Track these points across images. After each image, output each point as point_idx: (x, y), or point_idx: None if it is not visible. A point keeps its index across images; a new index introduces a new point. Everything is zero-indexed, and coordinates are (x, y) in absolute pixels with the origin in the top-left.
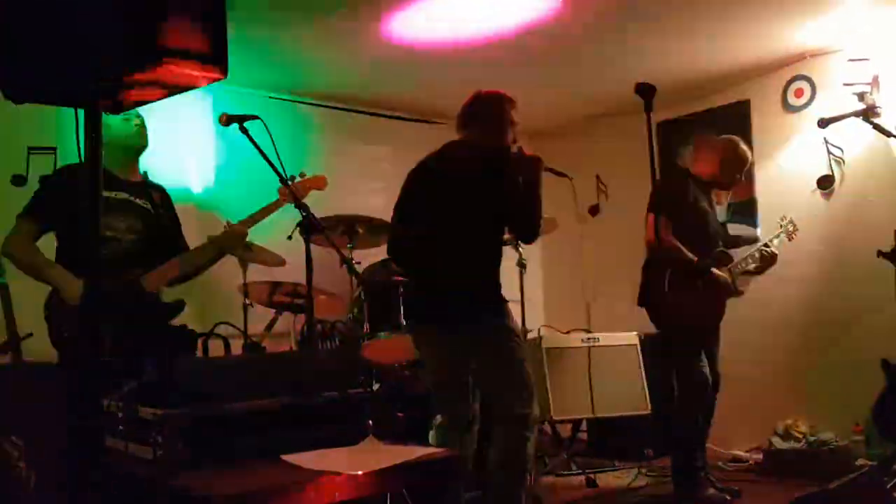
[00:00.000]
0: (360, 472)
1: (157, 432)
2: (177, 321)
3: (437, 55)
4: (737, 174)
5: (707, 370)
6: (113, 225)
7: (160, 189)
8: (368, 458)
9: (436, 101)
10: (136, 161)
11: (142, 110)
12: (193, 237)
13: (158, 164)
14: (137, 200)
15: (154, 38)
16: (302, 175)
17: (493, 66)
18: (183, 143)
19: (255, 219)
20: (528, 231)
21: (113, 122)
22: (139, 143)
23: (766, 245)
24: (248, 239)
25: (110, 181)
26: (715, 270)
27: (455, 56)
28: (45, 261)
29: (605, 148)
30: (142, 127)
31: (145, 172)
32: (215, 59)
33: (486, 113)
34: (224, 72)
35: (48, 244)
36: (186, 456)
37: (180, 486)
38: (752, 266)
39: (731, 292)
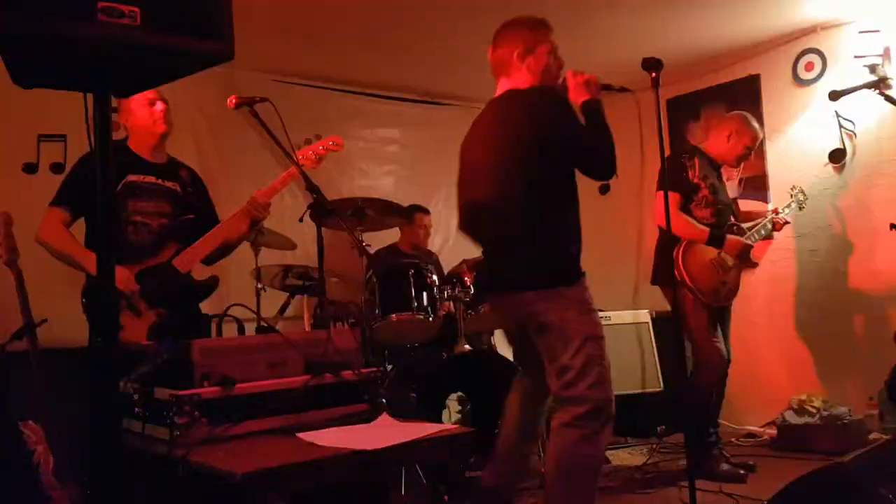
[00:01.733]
0: (374, 449)
1: (174, 412)
2: None
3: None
4: (745, 150)
5: (722, 346)
6: (142, 209)
7: (188, 168)
8: (383, 434)
9: (444, 83)
10: (163, 143)
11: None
12: None
13: (170, 148)
14: (166, 183)
15: (162, 20)
16: (318, 136)
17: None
18: (194, 125)
19: (274, 188)
20: None
21: (136, 109)
22: (163, 129)
23: (776, 212)
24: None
25: (138, 165)
26: (730, 237)
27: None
28: (77, 246)
29: (613, 125)
30: (165, 112)
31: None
32: (223, 42)
33: None
34: (230, 54)
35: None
36: (202, 435)
37: (198, 464)
38: (763, 235)
39: (748, 260)
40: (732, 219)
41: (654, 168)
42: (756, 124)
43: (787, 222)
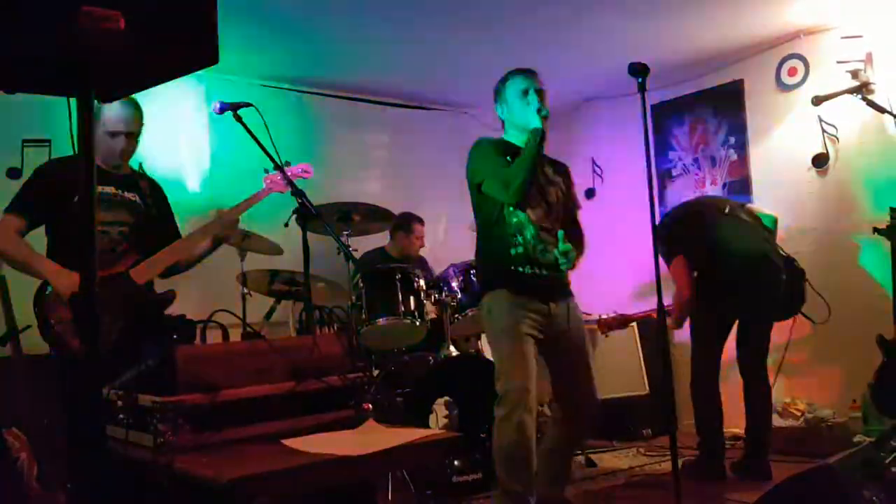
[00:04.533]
0: (360, 455)
1: (158, 419)
2: (175, 310)
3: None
4: None
5: None
6: (101, 219)
7: (149, 180)
8: (369, 440)
9: (432, 88)
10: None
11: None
12: (189, 229)
13: (152, 155)
14: (126, 194)
15: (145, 24)
16: (288, 164)
17: (485, 49)
18: (177, 133)
19: (241, 208)
20: None
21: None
22: (119, 162)
23: None
24: (245, 228)
25: (98, 175)
26: None
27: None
28: (32, 254)
29: (600, 131)
30: (123, 150)
31: (140, 164)
32: (206, 46)
33: None
34: (215, 58)
35: (38, 241)
36: (187, 442)
37: (182, 471)
38: None
39: None
40: None
41: (639, 172)
42: None
43: None
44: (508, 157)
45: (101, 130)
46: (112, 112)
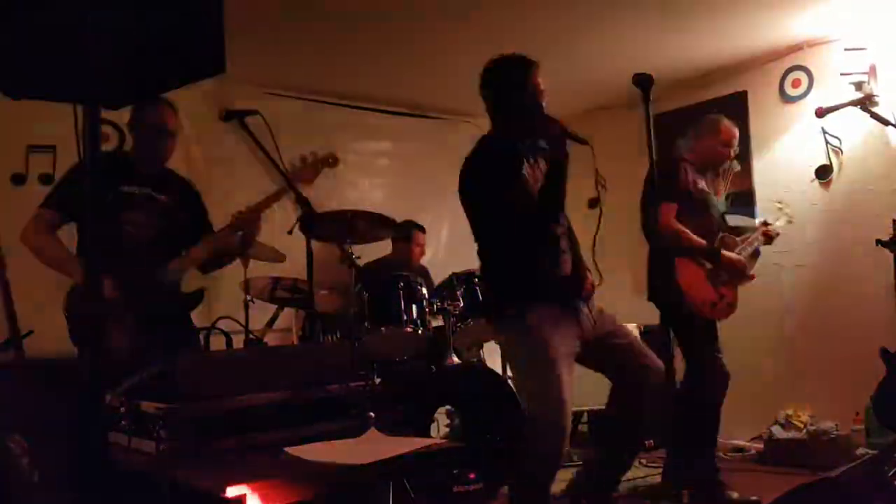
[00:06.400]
0: (362, 464)
1: (160, 426)
2: None
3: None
4: (725, 150)
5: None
6: (133, 219)
7: (182, 179)
8: (370, 449)
9: (434, 96)
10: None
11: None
12: None
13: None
14: (160, 196)
15: (153, 32)
16: (303, 159)
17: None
18: (183, 139)
19: (260, 207)
20: None
21: (148, 130)
22: (163, 165)
23: (766, 223)
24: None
25: (130, 175)
26: (725, 252)
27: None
28: (66, 253)
29: (604, 141)
30: (172, 148)
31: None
32: (213, 55)
33: None
34: (221, 67)
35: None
36: (189, 449)
37: (184, 479)
38: (756, 246)
39: (743, 275)
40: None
41: (642, 182)
42: (729, 123)
43: (777, 234)
44: (524, 172)
45: (145, 128)
46: (156, 110)
